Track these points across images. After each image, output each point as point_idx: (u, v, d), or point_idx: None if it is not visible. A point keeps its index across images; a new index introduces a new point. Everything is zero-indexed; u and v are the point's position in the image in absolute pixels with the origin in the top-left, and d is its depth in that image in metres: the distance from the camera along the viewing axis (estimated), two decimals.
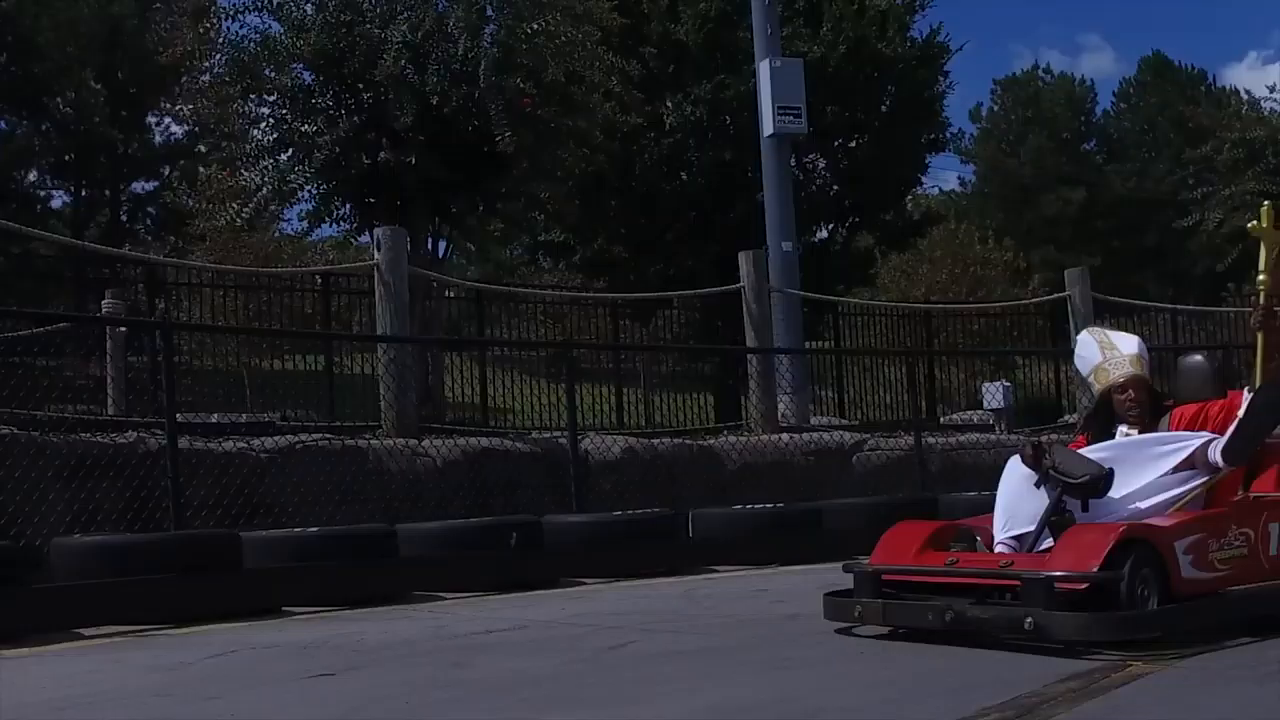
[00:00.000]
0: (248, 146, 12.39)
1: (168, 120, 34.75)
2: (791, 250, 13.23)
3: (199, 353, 13.35)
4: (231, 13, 11.95)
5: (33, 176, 34.17)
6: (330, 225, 12.83)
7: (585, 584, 7.16)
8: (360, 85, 11.78)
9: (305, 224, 12.62)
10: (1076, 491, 4.38)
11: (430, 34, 11.59)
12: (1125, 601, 3.98)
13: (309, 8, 12.00)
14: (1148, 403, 4.85)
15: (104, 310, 12.05)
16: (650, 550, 7.65)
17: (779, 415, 10.64)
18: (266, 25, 12.23)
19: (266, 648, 4.93)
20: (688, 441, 9.89)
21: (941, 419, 15.34)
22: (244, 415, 8.78)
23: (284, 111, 12.32)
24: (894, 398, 17.64)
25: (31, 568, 5.64)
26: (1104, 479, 4.36)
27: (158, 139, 35.33)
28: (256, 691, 4.04)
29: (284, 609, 6.01)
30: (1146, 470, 4.53)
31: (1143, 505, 4.49)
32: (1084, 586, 3.98)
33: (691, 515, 8.28)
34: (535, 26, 11.88)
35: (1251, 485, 4.62)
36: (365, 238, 12.60)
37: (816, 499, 8.86)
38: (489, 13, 12.19)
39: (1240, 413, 4.57)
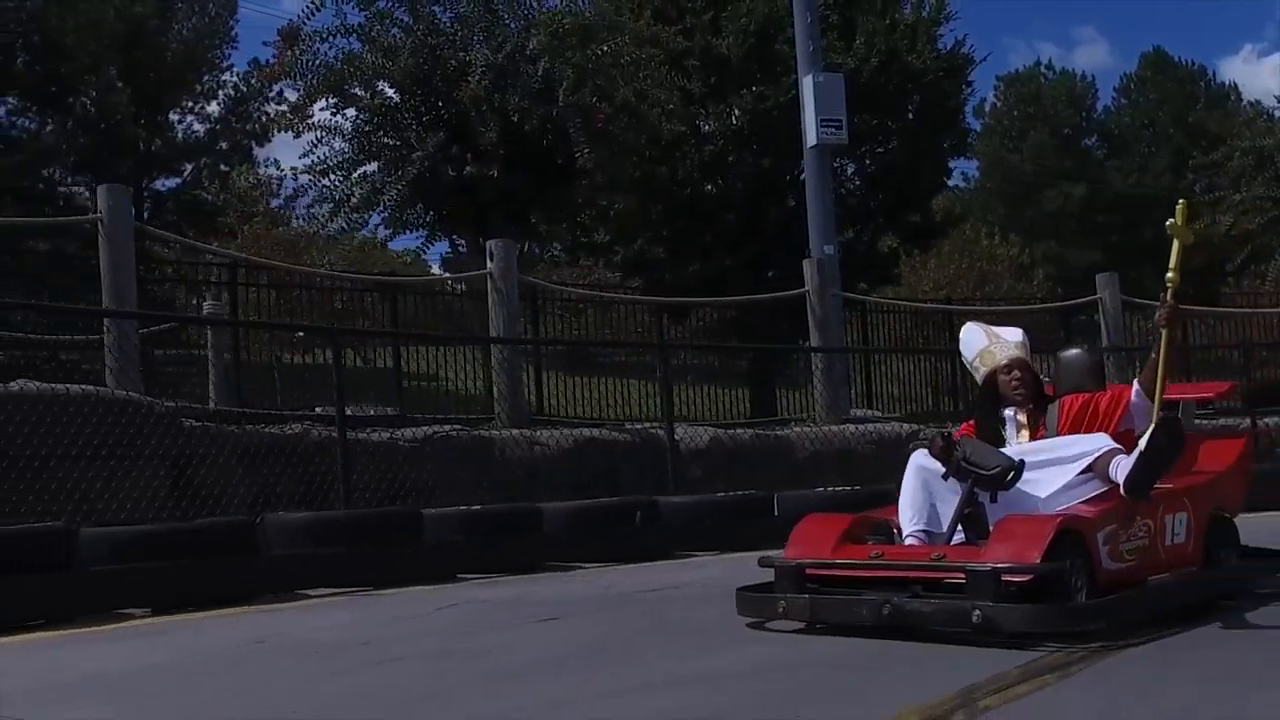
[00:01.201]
0: (334, 157, 13.25)
1: (190, 119, 35.56)
2: (833, 253, 14.16)
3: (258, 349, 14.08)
4: (324, 35, 12.85)
5: (55, 174, 34.92)
6: (410, 233, 13.74)
7: (694, 556, 8.15)
8: (443, 103, 12.71)
9: (387, 230, 13.50)
10: (988, 483, 4.40)
11: (511, 56, 12.52)
12: (1066, 592, 4.01)
13: (395, 31, 12.93)
14: (1032, 384, 4.96)
15: (205, 311, 12.96)
16: (745, 527, 8.61)
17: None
18: (352, 46, 13.16)
19: (479, 603, 5.90)
20: (763, 431, 10.87)
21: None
22: (372, 408, 9.71)
23: (367, 127, 13.23)
24: (915, 391, 18.63)
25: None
26: (1015, 470, 4.37)
27: (180, 136, 36.10)
28: (501, 634, 4.99)
29: (458, 576, 7.00)
30: (1052, 469, 4.54)
31: (1049, 502, 4.49)
32: (1029, 578, 3.95)
33: (776, 497, 9.26)
34: (605, 49, 12.83)
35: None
36: (433, 245, 13.54)
37: (880, 483, 9.84)
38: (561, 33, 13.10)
39: (1141, 446, 4.48)
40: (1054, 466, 4.53)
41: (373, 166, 13.18)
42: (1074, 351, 5.41)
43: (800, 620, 4.35)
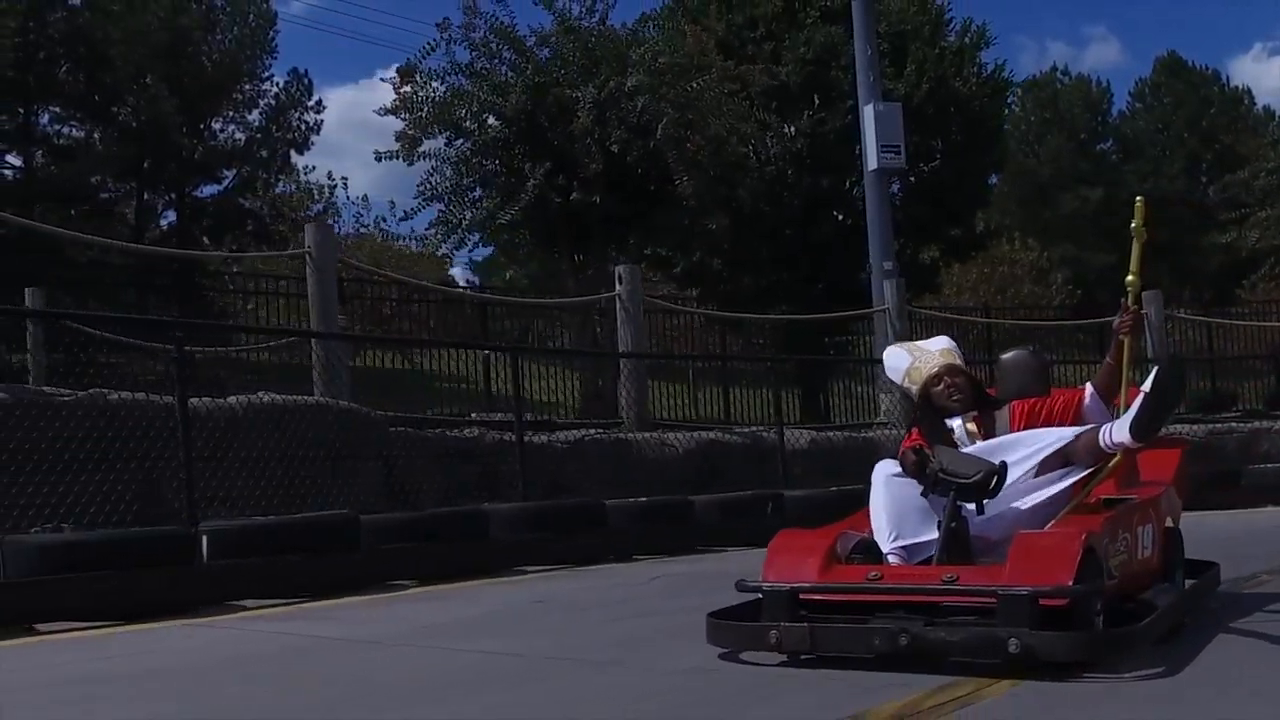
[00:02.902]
0: (443, 184, 14.59)
1: (231, 127, 36.81)
2: (892, 269, 15.50)
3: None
4: (440, 74, 14.22)
5: (95, 181, 36.13)
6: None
7: None
8: (549, 136, 14.07)
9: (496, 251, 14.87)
10: (971, 493, 4.04)
11: (612, 93, 13.87)
12: (1089, 615, 3.67)
13: (504, 68, 14.30)
14: (969, 388, 4.64)
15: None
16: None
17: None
18: (461, 83, 14.51)
19: (673, 576, 7.26)
20: (852, 434, 12.24)
21: None
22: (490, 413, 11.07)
23: (475, 157, 14.58)
24: None
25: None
26: (997, 474, 4.05)
27: (226, 143, 37.32)
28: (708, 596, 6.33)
29: (634, 556, 8.37)
30: (1023, 469, 4.26)
31: (1028, 503, 4.25)
32: (1065, 602, 3.59)
33: None
34: (696, 85, 14.20)
35: (1092, 491, 4.42)
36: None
37: None
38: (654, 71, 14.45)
39: (1145, 388, 4.25)
40: (1025, 464, 4.24)
41: (477, 191, 14.54)
42: (1016, 353, 5.12)
43: (796, 651, 3.85)
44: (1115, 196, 48.50)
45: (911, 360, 4.71)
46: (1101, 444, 4.28)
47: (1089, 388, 4.67)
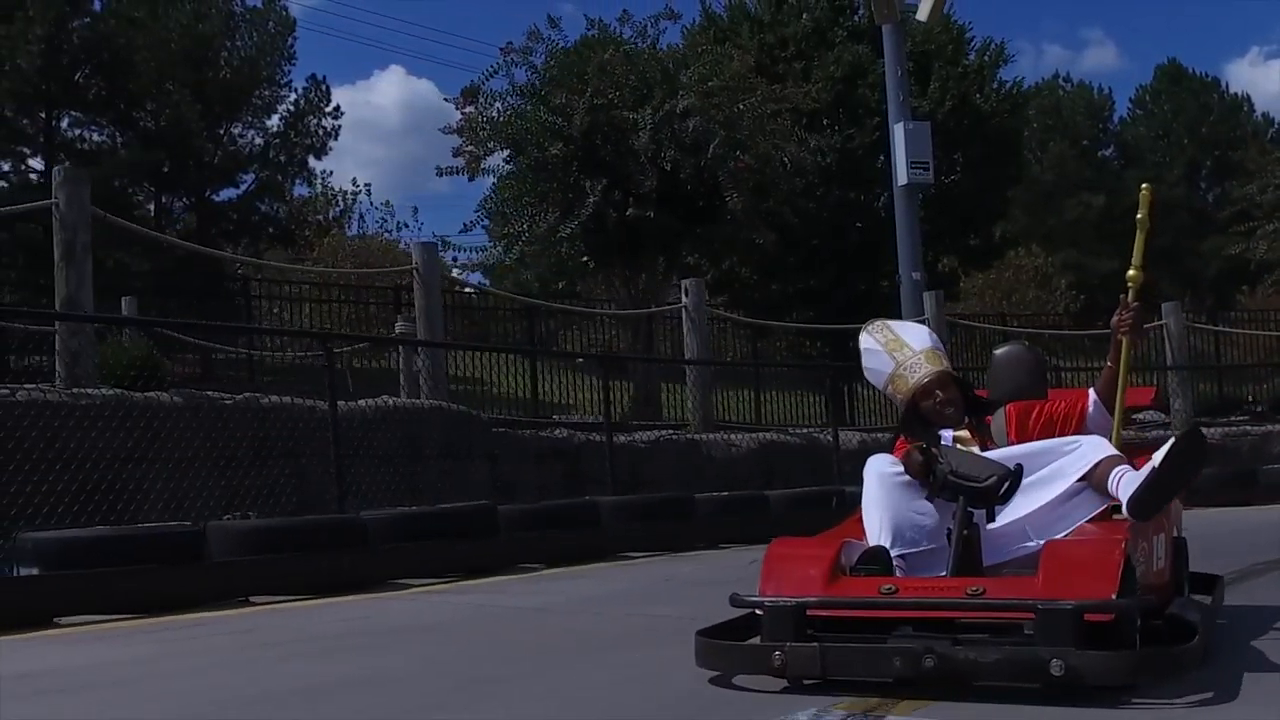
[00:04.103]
0: (508, 202, 15.53)
1: (251, 133, 37.61)
2: (920, 279, 16.41)
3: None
4: (503, 96, 15.17)
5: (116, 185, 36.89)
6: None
7: None
8: (606, 155, 14.99)
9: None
10: (983, 498, 3.64)
11: (667, 115, 14.80)
12: (1135, 634, 3.31)
13: (564, 92, 15.22)
14: (961, 400, 4.18)
15: (397, 331, 15.25)
16: None
17: None
18: (523, 104, 15.44)
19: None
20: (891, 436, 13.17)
21: None
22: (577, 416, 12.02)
23: (532, 175, 15.50)
24: None
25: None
26: (1012, 478, 3.65)
27: (246, 149, 38.11)
28: None
29: (720, 544, 9.30)
30: (1045, 481, 3.83)
31: (1049, 522, 3.81)
32: (1110, 618, 3.22)
33: None
34: (741, 106, 15.14)
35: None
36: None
37: None
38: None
39: (1157, 460, 3.71)
40: (1046, 478, 3.83)
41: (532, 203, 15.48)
42: (1011, 348, 4.79)
43: (804, 675, 3.38)
44: (1117, 203, 49.53)
45: (894, 366, 4.20)
46: (1109, 489, 3.77)
47: (1091, 395, 4.20)
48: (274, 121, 35.04)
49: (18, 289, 23.66)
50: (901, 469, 3.81)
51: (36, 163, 31.87)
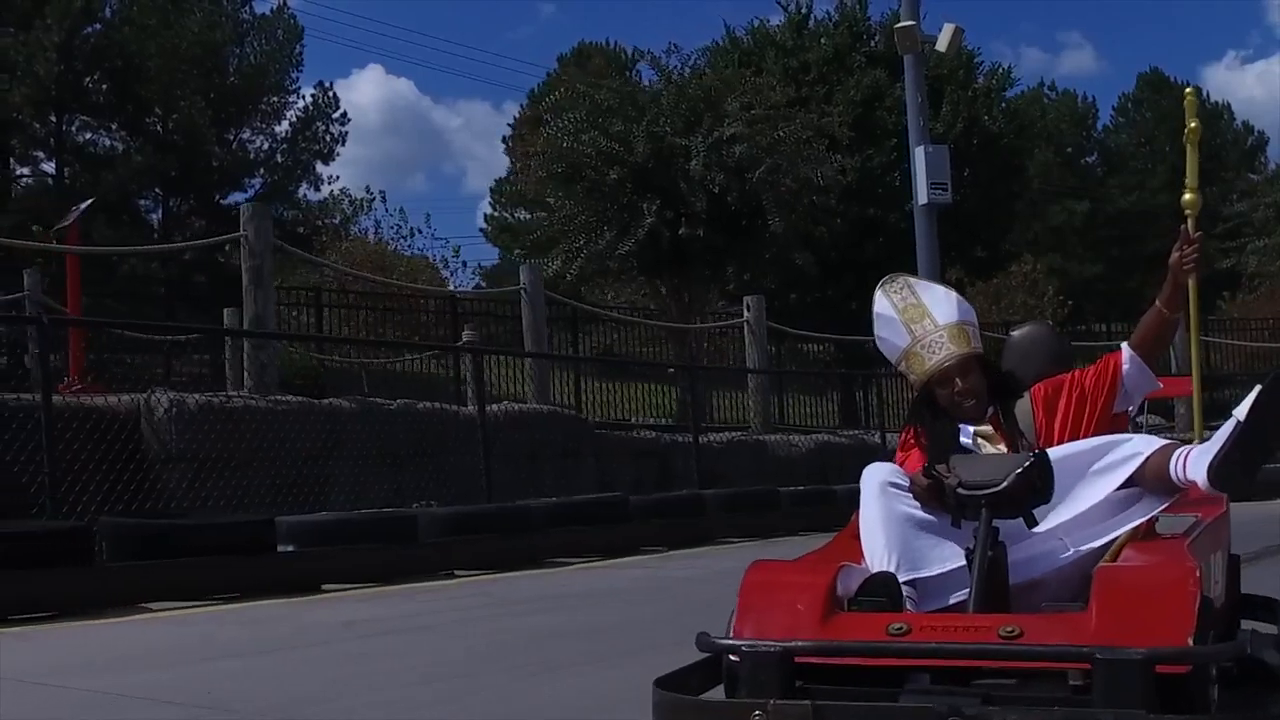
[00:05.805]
0: (567, 220, 16.90)
1: (260, 138, 38.56)
2: None
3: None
4: (568, 127, 16.52)
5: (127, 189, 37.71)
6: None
7: None
8: (658, 178, 16.36)
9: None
10: (1010, 503, 2.81)
11: (716, 141, 16.19)
12: (1211, 687, 2.46)
13: (619, 121, 16.58)
14: (985, 390, 3.34)
15: (464, 340, 16.56)
16: None
17: None
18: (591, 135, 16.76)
19: None
20: None
21: None
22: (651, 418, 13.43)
23: (593, 196, 16.85)
24: None
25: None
26: (1038, 468, 2.82)
27: (255, 154, 39.01)
28: None
29: (798, 532, 10.68)
30: (1083, 489, 3.03)
31: (1088, 527, 3.01)
32: (1186, 669, 2.39)
33: None
34: (781, 133, 16.55)
35: None
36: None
37: None
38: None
39: (1238, 415, 2.92)
40: (1085, 485, 3.04)
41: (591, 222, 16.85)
42: (1033, 328, 3.92)
43: None
44: (1101, 210, 51.05)
45: (910, 342, 3.34)
46: (1172, 475, 3.01)
47: (1125, 350, 3.36)
48: (283, 128, 35.75)
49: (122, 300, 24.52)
50: (906, 480, 3.07)
51: (48, 167, 32.07)
